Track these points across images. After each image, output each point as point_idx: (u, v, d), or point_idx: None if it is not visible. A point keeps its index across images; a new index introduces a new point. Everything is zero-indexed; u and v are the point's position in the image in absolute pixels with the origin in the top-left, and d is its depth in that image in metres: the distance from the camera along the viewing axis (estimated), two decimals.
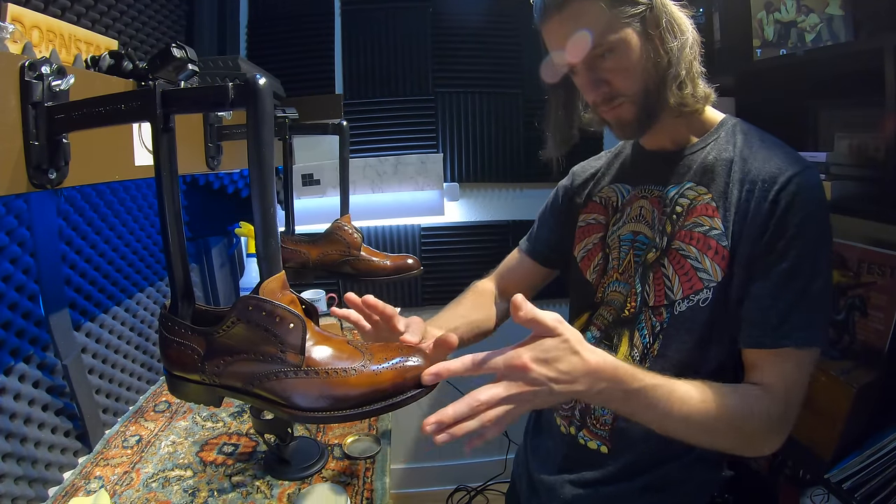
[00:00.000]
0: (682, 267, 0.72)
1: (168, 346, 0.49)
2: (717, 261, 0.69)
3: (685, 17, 0.71)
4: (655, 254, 0.76)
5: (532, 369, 0.53)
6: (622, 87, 0.72)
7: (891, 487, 1.01)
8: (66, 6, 0.97)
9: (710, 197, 0.72)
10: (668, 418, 0.61)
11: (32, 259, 0.92)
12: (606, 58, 0.71)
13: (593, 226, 0.87)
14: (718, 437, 0.64)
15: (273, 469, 0.95)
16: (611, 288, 0.82)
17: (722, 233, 0.69)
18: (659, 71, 0.70)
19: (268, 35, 1.90)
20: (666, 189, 0.77)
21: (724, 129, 0.76)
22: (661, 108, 0.72)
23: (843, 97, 1.35)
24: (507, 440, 2.06)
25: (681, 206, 0.74)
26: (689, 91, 0.71)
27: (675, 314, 0.73)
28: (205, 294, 1.66)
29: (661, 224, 0.76)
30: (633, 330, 0.77)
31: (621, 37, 0.69)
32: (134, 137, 0.75)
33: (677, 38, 0.69)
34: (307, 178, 1.89)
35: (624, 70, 0.71)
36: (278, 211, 0.60)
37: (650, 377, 0.60)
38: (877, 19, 1.18)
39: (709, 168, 0.73)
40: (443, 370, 0.49)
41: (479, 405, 0.52)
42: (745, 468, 1.50)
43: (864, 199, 1.14)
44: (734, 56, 1.48)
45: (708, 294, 0.70)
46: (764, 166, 0.68)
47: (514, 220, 2.01)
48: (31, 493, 0.85)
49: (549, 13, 0.71)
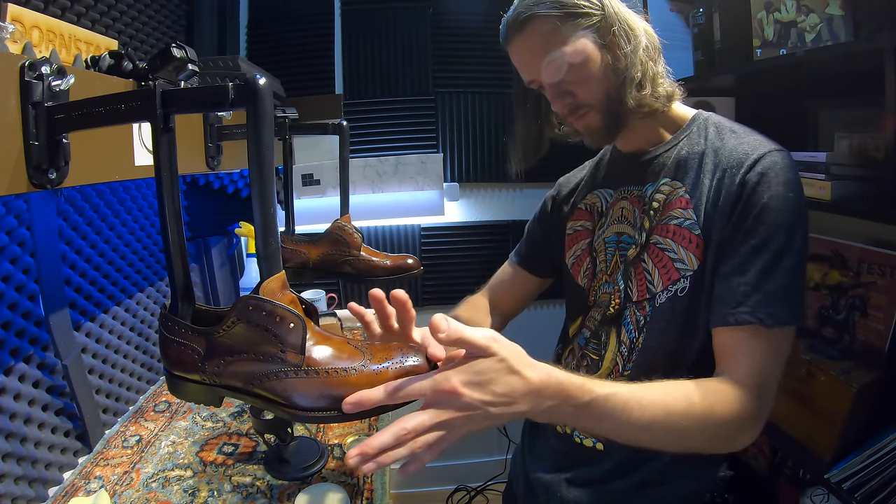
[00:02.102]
0: (660, 260, 0.73)
1: (168, 346, 0.49)
2: (692, 249, 0.70)
3: (638, 20, 0.73)
4: (636, 250, 0.77)
5: (463, 394, 0.49)
6: (585, 96, 0.74)
7: (891, 487, 1.01)
8: (66, 6, 0.97)
9: (683, 190, 0.73)
10: (627, 427, 0.58)
11: (32, 259, 0.92)
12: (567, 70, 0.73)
13: (580, 232, 0.89)
14: (685, 439, 0.61)
15: (273, 469, 0.95)
16: (601, 290, 0.83)
17: (694, 222, 0.70)
18: (618, 76, 0.72)
19: (268, 35, 1.90)
20: (644, 188, 0.79)
21: (695, 124, 0.78)
22: (624, 111, 0.74)
23: (843, 97, 1.35)
24: (507, 440, 2.06)
25: (657, 201, 0.76)
26: (647, 92, 0.73)
27: (657, 306, 0.73)
28: (205, 294, 1.66)
29: (640, 221, 0.78)
30: (620, 326, 0.78)
31: (578, 49, 0.71)
32: (134, 137, 0.75)
33: (630, 42, 0.71)
34: (307, 178, 1.89)
35: (585, 81, 0.73)
36: (278, 211, 0.60)
37: (603, 387, 0.56)
38: (877, 19, 1.18)
39: (682, 163, 0.75)
40: (363, 399, 0.46)
41: (406, 434, 0.48)
42: (745, 468, 1.50)
43: (864, 199, 1.14)
44: (734, 56, 1.48)
45: (685, 283, 0.71)
46: (733, 152, 0.70)
47: (514, 220, 2.01)
48: (31, 493, 0.85)
49: (511, 34, 0.76)
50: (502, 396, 0.50)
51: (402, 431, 0.48)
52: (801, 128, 1.45)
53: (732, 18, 1.49)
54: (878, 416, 1.08)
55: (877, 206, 1.10)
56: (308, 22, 1.91)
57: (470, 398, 0.49)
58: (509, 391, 0.51)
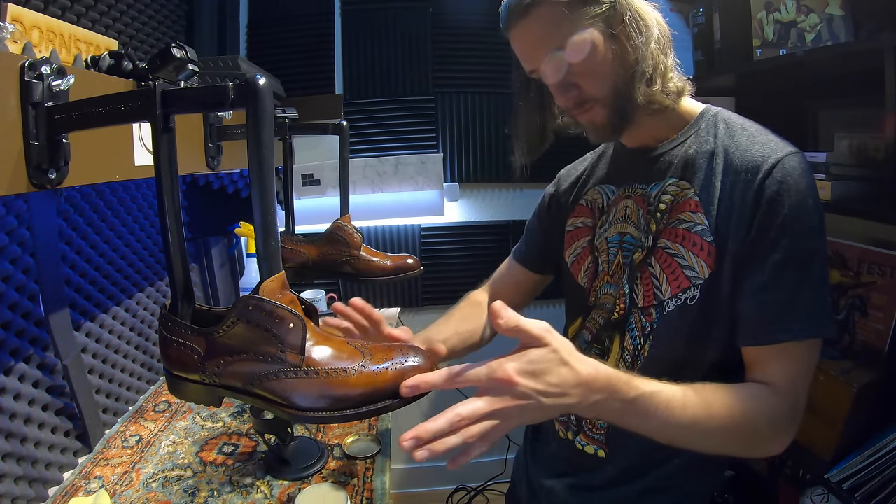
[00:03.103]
0: (669, 266, 0.70)
1: (168, 346, 0.49)
2: (703, 257, 0.67)
3: (650, 10, 0.69)
4: (642, 253, 0.74)
5: (518, 382, 0.50)
6: (591, 90, 0.70)
7: (891, 487, 1.01)
8: (66, 6, 0.97)
9: (692, 191, 0.70)
10: (668, 426, 0.58)
11: (32, 259, 0.92)
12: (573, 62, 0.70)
13: (581, 229, 0.86)
14: (724, 441, 0.62)
15: (273, 469, 0.95)
16: (602, 291, 0.80)
17: (706, 228, 0.67)
18: (627, 70, 0.69)
19: (268, 35, 1.90)
20: (649, 187, 0.75)
21: (704, 120, 0.74)
22: (632, 107, 0.70)
23: (843, 97, 1.35)
24: (508, 440, 2.06)
25: (664, 203, 0.72)
26: (658, 87, 0.69)
27: (665, 314, 0.71)
28: (205, 294, 1.66)
29: (646, 223, 0.74)
30: (624, 332, 0.75)
31: (587, 39, 0.67)
32: (134, 137, 0.75)
33: (642, 33, 0.67)
34: (307, 178, 1.89)
35: (592, 73, 0.69)
36: (278, 211, 0.60)
37: (647, 384, 0.57)
38: (877, 19, 1.18)
39: (690, 162, 0.71)
40: (421, 382, 0.47)
41: (461, 420, 0.48)
42: (745, 468, 1.50)
43: (864, 199, 1.14)
44: (734, 56, 1.48)
45: (696, 292, 0.68)
46: (746, 154, 0.66)
47: (514, 220, 2.01)
48: (31, 493, 0.85)
49: (513, 20, 0.71)
50: (554, 387, 0.51)
51: (457, 418, 0.48)
52: (801, 128, 1.45)
53: (732, 18, 1.48)
54: (878, 416, 1.08)
55: (877, 206, 1.10)
56: (308, 22, 1.91)
57: (524, 387, 0.50)
58: (561, 381, 0.52)
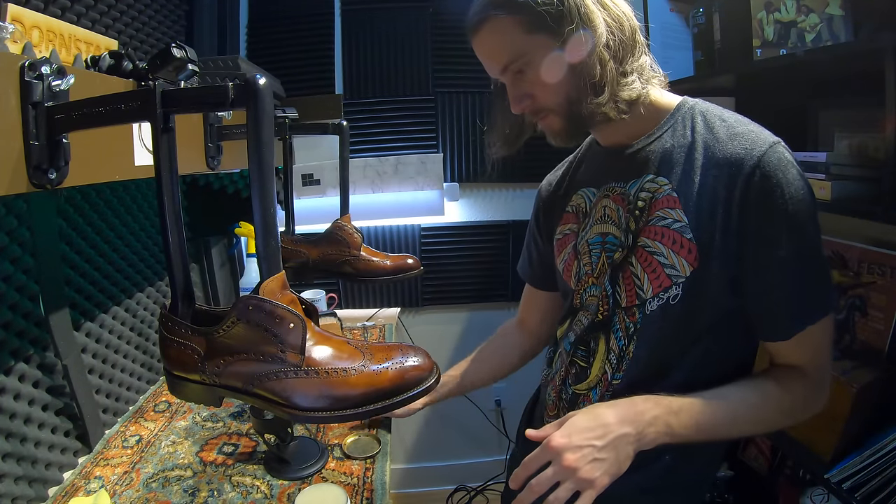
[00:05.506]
0: (650, 265, 0.70)
1: (168, 346, 0.49)
2: (684, 255, 0.67)
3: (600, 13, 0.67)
4: (622, 253, 0.73)
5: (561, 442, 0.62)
6: (544, 100, 0.71)
7: (891, 487, 1.00)
8: (66, 6, 0.97)
9: (670, 187, 0.69)
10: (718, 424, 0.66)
11: (32, 259, 0.92)
12: (526, 72, 0.70)
13: (568, 235, 0.86)
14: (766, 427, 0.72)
15: (273, 469, 0.95)
16: (588, 293, 0.80)
17: (686, 224, 0.66)
18: (579, 78, 0.68)
19: (268, 35, 1.90)
20: (627, 185, 0.74)
21: (680, 113, 0.72)
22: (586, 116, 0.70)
23: (843, 97, 1.35)
24: (508, 440, 2.06)
25: (643, 200, 0.71)
26: (604, 98, 0.68)
27: (647, 314, 0.70)
28: (205, 294, 1.66)
29: (626, 222, 0.73)
30: (609, 333, 0.75)
31: (537, 51, 0.68)
32: (134, 137, 0.75)
33: (588, 42, 0.66)
34: (307, 178, 1.89)
35: (543, 84, 0.70)
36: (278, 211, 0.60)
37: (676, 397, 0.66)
38: (877, 19, 1.18)
39: (666, 157, 0.70)
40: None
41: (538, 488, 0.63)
42: (745, 468, 1.50)
43: (864, 199, 1.14)
44: (734, 56, 1.48)
45: (678, 290, 0.67)
46: (728, 147, 0.65)
47: (514, 220, 2.01)
48: (31, 493, 0.85)
49: (470, 31, 0.73)
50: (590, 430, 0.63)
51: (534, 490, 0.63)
52: (801, 128, 1.45)
53: (732, 18, 1.48)
54: (878, 416, 1.08)
55: (877, 206, 1.09)
56: (308, 22, 1.91)
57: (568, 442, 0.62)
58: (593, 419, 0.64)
